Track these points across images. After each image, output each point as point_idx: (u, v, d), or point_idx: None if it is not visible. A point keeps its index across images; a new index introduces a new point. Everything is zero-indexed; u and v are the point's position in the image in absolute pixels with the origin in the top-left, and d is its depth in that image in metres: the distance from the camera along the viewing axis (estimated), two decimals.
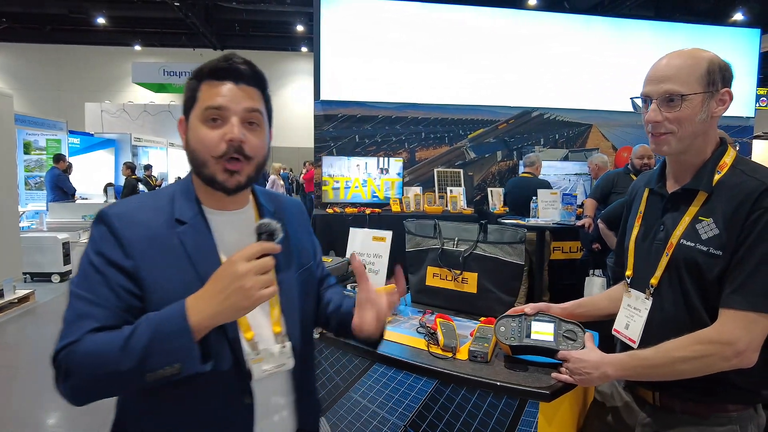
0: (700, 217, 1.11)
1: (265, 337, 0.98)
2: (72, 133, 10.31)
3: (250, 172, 0.95)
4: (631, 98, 1.22)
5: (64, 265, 6.51)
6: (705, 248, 1.08)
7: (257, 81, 0.96)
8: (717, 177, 1.12)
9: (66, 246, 6.55)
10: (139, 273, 0.87)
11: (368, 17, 6.20)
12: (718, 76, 1.09)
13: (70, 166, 8.49)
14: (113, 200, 8.31)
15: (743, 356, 1.02)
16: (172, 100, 15.33)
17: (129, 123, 13.02)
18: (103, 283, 0.85)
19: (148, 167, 11.36)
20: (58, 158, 8.17)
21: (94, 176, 10.52)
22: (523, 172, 5.16)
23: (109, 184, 9.11)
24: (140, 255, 0.88)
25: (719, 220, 1.07)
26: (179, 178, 12.57)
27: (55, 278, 6.45)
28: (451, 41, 6.39)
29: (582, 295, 2.49)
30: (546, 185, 4.85)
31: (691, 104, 1.09)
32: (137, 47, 17.46)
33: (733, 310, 1.03)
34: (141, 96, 16.21)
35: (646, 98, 1.14)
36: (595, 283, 4.20)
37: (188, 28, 14.26)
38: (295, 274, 1.05)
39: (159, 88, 13.45)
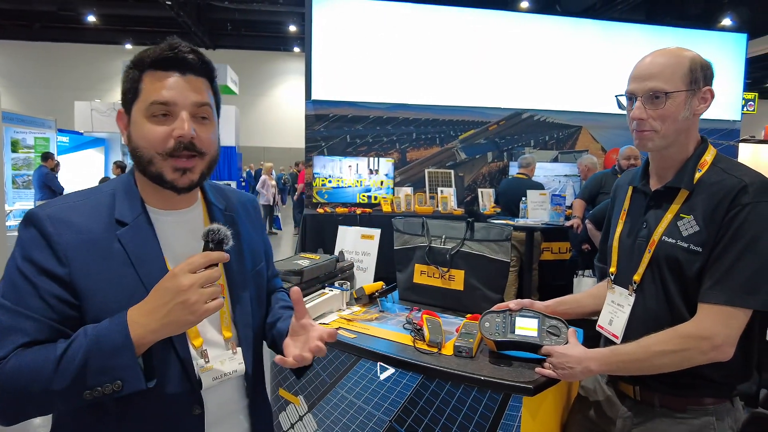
0: (681, 215, 1.13)
1: (215, 344, 0.94)
2: (61, 131, 10.22)
3: (203, 168, 0.89)
4: (615, 96, 1.24)
5: None
6: (686, 245, 1.10)
7: (205, 71, 0.89)
8: (698, 175, 1.14)
9: None
10: (75, 281, 0.80)
11: (360, 17, 6.22)
12: (700, 75, 1.12)
13: (58, 164, 8.41)
14: None
15: (720, 350, 1.04)
16: None
17: None
18: (34, 293, 0.78)
19: None
20: (46, 156, 8.09)
21: (83, 175, 10.44)
22: (517, 173, 5.19)
23: (105, 179, 9.02)
24: (76, 261, 0.80)
25: (699, 217, 1.09)
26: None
27: None
28: (442, 42, 6.42)
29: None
30: (539, 187, 4.88)
31: (675, 102, 1.11)
32: (128, 46, 17.33)
33: (711, 305, 1.05)
34: None
35: (631, 96, 1.16)
36: (585, 284, 4.24)
37: (180, 27, 14.20)
38: (247, 277, 1.01)
39: None
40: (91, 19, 14.60)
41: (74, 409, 0.84)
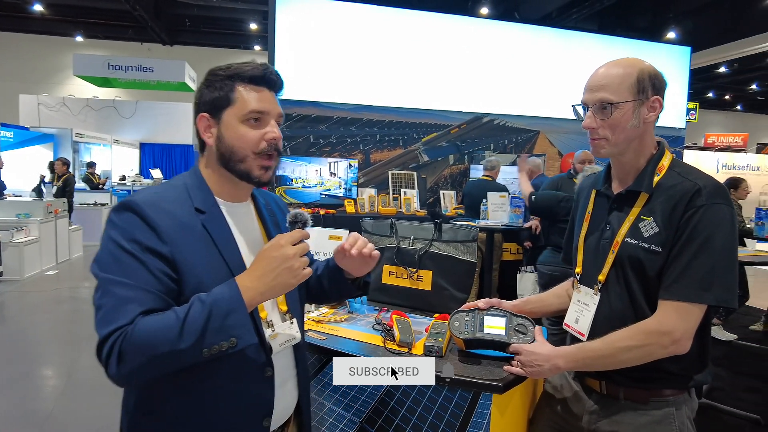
0: (642, 217, 1.18)
1: (275, 316, 1.09)
2: (4, 125, 9.67)
3: (276, 166, 1.07)
4: (572, 105, 1.29)
5: None
6: (647, 245, 1.15)
7: (280, 88, 1.09)
8: (656, 179, 1.19)
9: None
10: (175, 257, 0.92)
11: (324, 18, 6.18)
12: (648, 84, 1.17)
13: None
14: (50, 197, 7.84)
15: (679, 344, 1.10)
16: (117, 95, 14.63)
17: (70, 117, 12.31)
18: (143, 269, 0.89)
19: (91, 164, 10.82)
20: None
21: (29, 172, 9.91)
22: (482, 175, 5.29)
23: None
24: (174, 241, 0.93)
25: (659, 218, 1.15)
26: (123, 176, 12.03)
27: None
28: (405, 46, 6.47)
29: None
30: (503, 189, 4.99)
31: (621, 111, 1.16)
32: (79, 38, 16.53)
33: (670, 302, 1.11)
34: (83, 90, 15.37)
35: (585, 105, 1.22)
36: (527, 279, 4.54)
37: (136, 21, 13.67)
38: None
39: (103, 82, 12.66)
40: (38, 8, 13.85)
41: (166, 377, 0.93)
